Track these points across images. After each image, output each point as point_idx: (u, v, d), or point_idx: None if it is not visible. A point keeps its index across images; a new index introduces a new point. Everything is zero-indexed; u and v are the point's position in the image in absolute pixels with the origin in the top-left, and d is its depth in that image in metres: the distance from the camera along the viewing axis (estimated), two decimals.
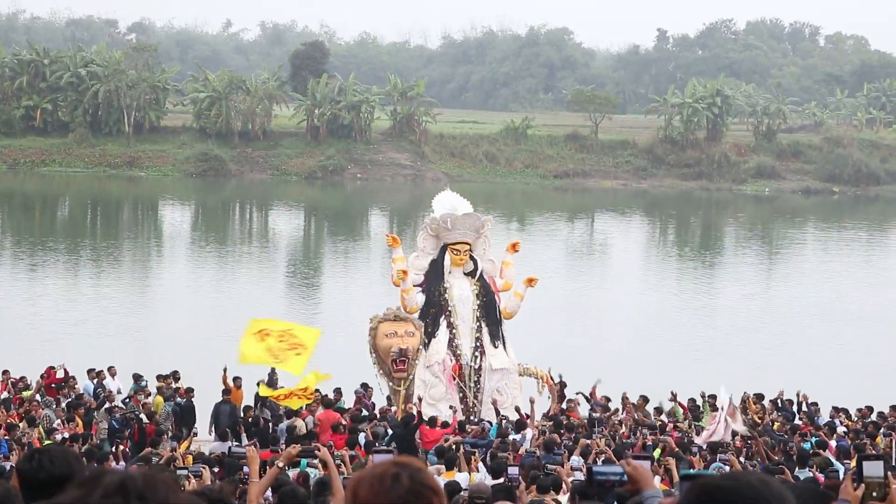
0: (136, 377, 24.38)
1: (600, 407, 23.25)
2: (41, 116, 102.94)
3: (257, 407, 22.25)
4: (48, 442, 17.58)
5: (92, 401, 22.85)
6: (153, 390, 23.63)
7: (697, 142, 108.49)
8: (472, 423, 20.90)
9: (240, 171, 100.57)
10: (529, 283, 24.76)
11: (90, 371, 24.93)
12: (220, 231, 71.74)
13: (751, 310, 45.27)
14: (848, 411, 23.20)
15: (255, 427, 20.98)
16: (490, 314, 24.42)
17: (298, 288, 50.25)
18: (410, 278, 24.14)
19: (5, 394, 23.03)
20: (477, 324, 24.24)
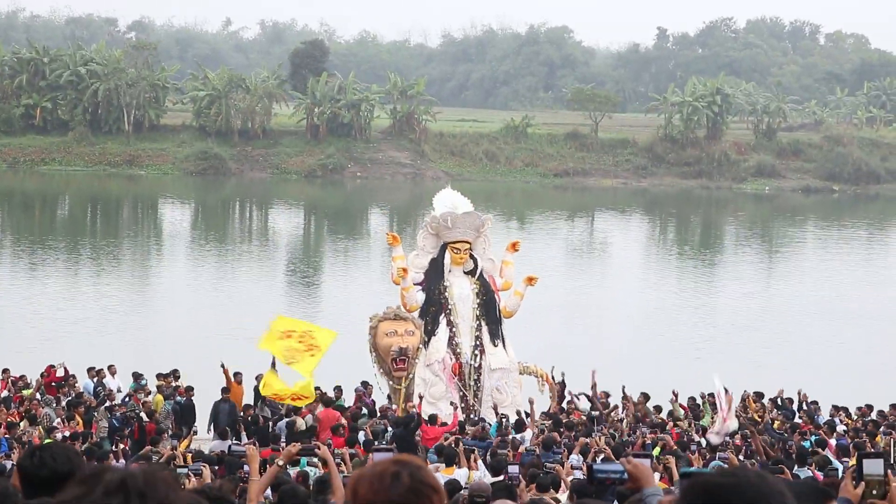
0: (136, 376, 24.37)
1: (602, 404, 23.25)
2: (41, 115, 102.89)
3: (257, 405, 22.24)
4: (48, 441, 17.57)
5: (92, 399, 22.84)
6: (153, 389, 23.63)
7: (697, 140, 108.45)
8: (472, 424, 20.89)
9: (239, 169, 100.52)
10: (529, 281, 24.74)
11: (90, 369, 24.93)
12: (220, 230, 71.71)
13: (751, 308, 45.26)
14: (848, 410, 23.20)
15: (254, 425, 20.98)
16: (490, 313, 24.40)
17: (298, 287, 50.22)
18: (410, 276, 24.12)
19: (5, 392, 23.04)
20: (477, 322, 24.22)
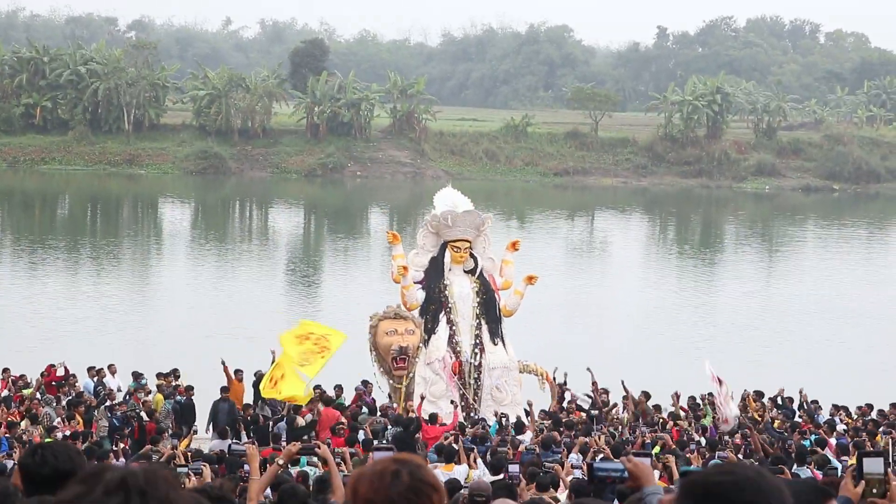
0: (136, 375, 24.37)
1: (601, 402, 23.25)
2: (41, 114, 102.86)
3: (257, 404, 22.24)
4: (48, 440, 17.58)
5: (92, 399, 22.83)
6: (153, 388, 23.63)
7: (697, 139, 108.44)
8: (472, 423, 20.88)
9: (239, 168, 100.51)
10: (529, 280, 24.73)
11: (90, 369, 24.92)
12: (220, 229, 71.71)
13: (751, 307, 45.25)
14: (848, 409, 23.21)
15: (254, 425, 20.99)
16: (490, 312, 24.39)
17: (298, 286, 50.22)
18: (410, 275, 24.11)
19: (6, 392, 23.05)
20: (477, 321, 24.21)
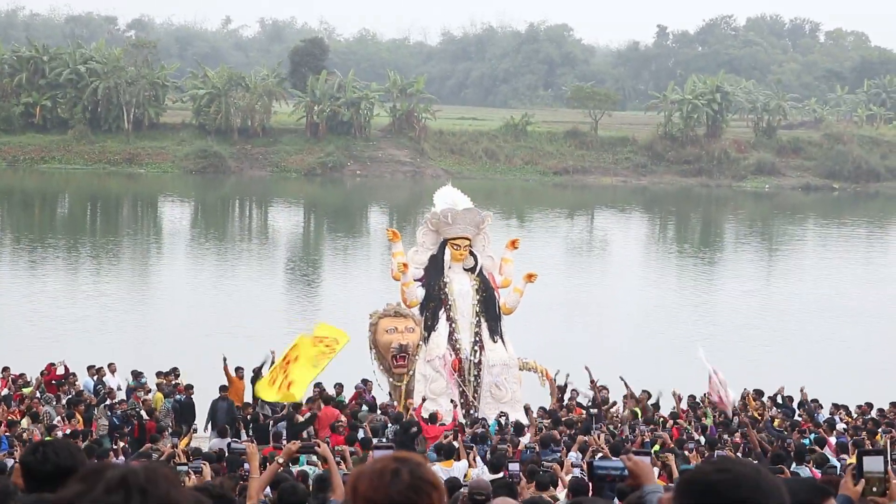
0: (136, 374, 24.37)
1: (601, 399, 23.24)
2: (40, 113, 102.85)
3: (257, 403, 22.22)
4: (49, 438, 17.58)
5: (92, 397, 22.84)
6: (153, 387, 23.63)
7: (697, 138, 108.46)
8: (471, 421, 20.88)
9: (239, 167, 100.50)
10: (529, 278, 24.72)
11: (90, 368, 24.92)
12: (220, 228, 71.72)
13: (750, 306, 45.24)
14: (848, 408, 23.22)
15: (253, 423, 20.98)
16: (489, 310, 24.39)
17: (298, 285, 50.22)
18: (410, 272, 24.11)
19: (6, 390, 23.05)
20: (476, 319, 24.20)
